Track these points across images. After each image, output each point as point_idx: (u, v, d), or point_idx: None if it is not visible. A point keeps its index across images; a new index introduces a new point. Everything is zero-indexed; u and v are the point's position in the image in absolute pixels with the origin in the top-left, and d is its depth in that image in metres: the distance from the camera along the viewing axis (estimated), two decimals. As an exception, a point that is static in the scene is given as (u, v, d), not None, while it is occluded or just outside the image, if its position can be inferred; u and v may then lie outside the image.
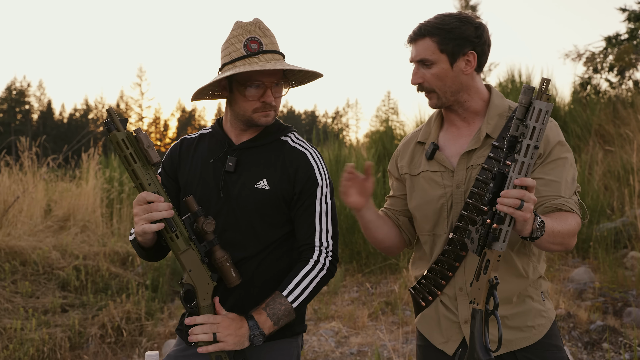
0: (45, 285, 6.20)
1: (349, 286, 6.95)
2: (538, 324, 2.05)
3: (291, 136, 2.22)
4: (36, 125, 74.12)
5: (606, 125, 10.56)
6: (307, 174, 2.12)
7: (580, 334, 4.82)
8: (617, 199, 8.00)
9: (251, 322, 1.94)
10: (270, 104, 2.07)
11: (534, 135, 1.65)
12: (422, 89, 2.07)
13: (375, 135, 12.29)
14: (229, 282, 1.99)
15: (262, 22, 2.11)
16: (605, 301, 5.43)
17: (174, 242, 1.91)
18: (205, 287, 1.96)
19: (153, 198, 1.85)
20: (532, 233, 1.74)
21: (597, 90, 12.90)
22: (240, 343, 1.92)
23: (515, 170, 1.68)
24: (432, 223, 2.10)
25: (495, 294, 1.77)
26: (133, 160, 1.84)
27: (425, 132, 2.20)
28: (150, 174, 1.87)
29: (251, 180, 2.10)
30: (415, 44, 2.04)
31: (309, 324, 5.69)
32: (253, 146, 2.15)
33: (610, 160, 9.29)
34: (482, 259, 1.78)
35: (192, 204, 1.94)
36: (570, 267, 6.67)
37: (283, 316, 1.99)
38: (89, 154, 9.41)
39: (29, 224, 7.41)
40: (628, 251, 6.70)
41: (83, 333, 5.28)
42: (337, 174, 8.22)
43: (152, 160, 1.85)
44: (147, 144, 1.83)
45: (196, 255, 1.95)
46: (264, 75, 2.03)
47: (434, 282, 2.10)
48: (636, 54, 12.52)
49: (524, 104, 1.68)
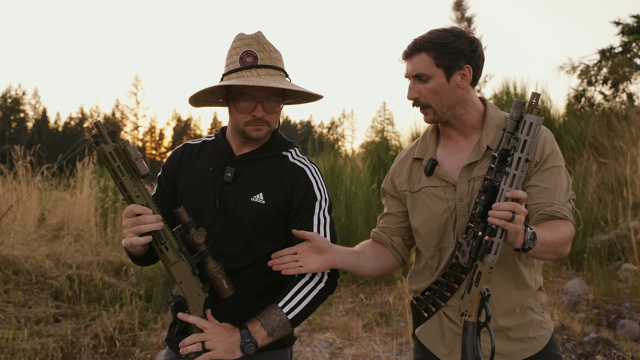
0: (38, 295, 6.17)
1: (343, 297, 6.94)
2: (539, 335, 2.08)
3: (292, 152, 2.22)
4: (31, 134, 74.00)
5: (600, 137, 10.61)
6: (305, 189, 2.11)
7: (574, 345, 4.82)
8: (611, 211, 8.02)
9: (244, 331, 1.93)
10: (261, 119, 2.06)
11: (524, 148, 1.67)
12: (417, 104, 2.07)
13: (371, 145, 12.31)
14: (221, 293, 1.97)
15: (263, 37, 2.11)
16: (599, 313, 5.43)
17: (164, 254, 1.91)
18: (196, 299, 1.95)
19: (141, 210, 1.84)
20: (524, 244, 1.76)
21: (592, 102, 12.97)
22: (231, 351, 1.91)
23: (506, 183, 1.70)
24: (438, 238, 2.10)
25: (487, 306, 1.79)
26: (121, 172, 1.84)
27: (421, 148, 2.20)
28: (139, 186, 1.87)
29: (248, 193, 2.10)
30: (411, 59, 2.05)
31: (302, 335, 5.68)
32: (253, 159, 2.15)
33: (604, 172, 9.32)
34: (474, 271, 1.80)
35: (183, 215, 1.93)
36: (564, 279, 6.68)
37: (278, 327, 1.97)
38: (83, 163, 9.39)
39: (23, 232, 7.38)
40: (622, 263, 6.71)
41: (76, 343, 5.25)
42: (333, 184, 8.23)
43: (140, 172, 1.85)
44: (134, 157, 1.83)
45: (187, 267, 1.94)
46: (255, 90, 2.04)
47: (439, 294, 2.09)
48: (630, 67, 12.60)
49: (515, 117, 1.71)
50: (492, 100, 12.28)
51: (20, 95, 75.17)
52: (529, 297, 2.08)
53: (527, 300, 2.07)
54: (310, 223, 2.09)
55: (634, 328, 5.04)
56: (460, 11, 41.93)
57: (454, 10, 41.94)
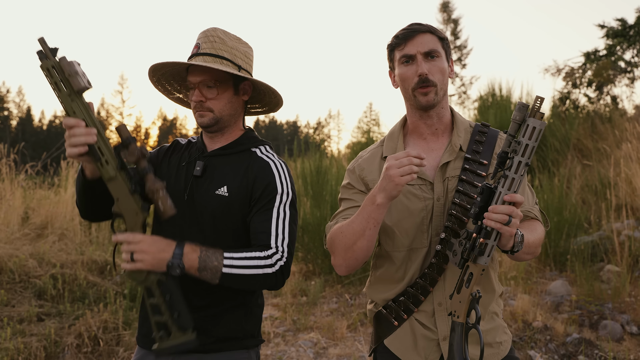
0: (21, 294, 6.12)
1: (328, 297, 6.94)
2: (504, 340, 2.09)
3: (262, 148, 2.24)
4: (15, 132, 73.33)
5: (584, 139, 10.69)
6: (266, 181, 2.10)
7: (556, 346, 4.85)
8: (594, 212, 8.09)
9: (177, 251, 1.91)
10: (201, 104, 2.12)
11: (526, 152, 1.66)
12: (424, 81, 2.01)
13: (357, 146, 12.32)
14: (162, 213, 1.96)
15: (212, 30, 2.17)
16: (581, 314, 5.47)
17: (103, 169, 1.91)
18: (133, 217, 1.96)
19: (73, 123, 1.84)
20: (513, 247, 1.77)
21: (576, 105, 13.07)
22: (156, 266, 1.90)
23: (505, 186, 1.69)
24: (411, 238, 2.05)
25: (477, 308, 1.78)
26: (59, 88, 1.84)
27: (389, 147, 2.16)
28: (77, 102, 1.86)
29: (214, 186, 2.12)
30: (418, 38, 2.03)
31: (287, 334, 5.68)
32: (222, 154, 2.19)
33: (588, 174, 9.40)
34: (464, 272, 1.79)
35: (124, 131, 1.94)
36: (548, 280, 6.72)
37: (209, 270, 1.93)
38: (68, 162, 9.32)
39: (6, 231, 7.31)
40: (604, 264, 6.77)
41: (59, 342, 5.21)
42: (319, 184, 8.23)
43: (74, 87, 1.84)
44: (67, 72, 1.82)
45: (123, 185, 1.95)
46: (193, 75, 2.12)
47: (412, 298, 2.04)
48: (614, 70, 12.72)
49: (517, 120, 1.68)
50: (478, 102, 12.34)
51: (4, 93, 74.51)
52: (494, 302, 2.10)
53: (492, 305, 2.09)
54: (269, 214, 2.06)
55: (615, 329, 5.08)
56: (446, 12, 42.14)
57: (440, 12, 42.17)
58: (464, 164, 2.01)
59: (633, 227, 7.12)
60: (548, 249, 7.11)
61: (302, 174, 8.53)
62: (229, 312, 2.13)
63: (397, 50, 2.07)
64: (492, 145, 2.07)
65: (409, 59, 2.04)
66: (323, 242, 2.15)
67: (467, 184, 1.98)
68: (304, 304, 6.62)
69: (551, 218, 7.08)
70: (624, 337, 5.05)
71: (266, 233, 2.03)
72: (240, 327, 2.14)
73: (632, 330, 5.14)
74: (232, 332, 2.13)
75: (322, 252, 7.65)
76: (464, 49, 42.96)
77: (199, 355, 2.09)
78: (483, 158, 2.03)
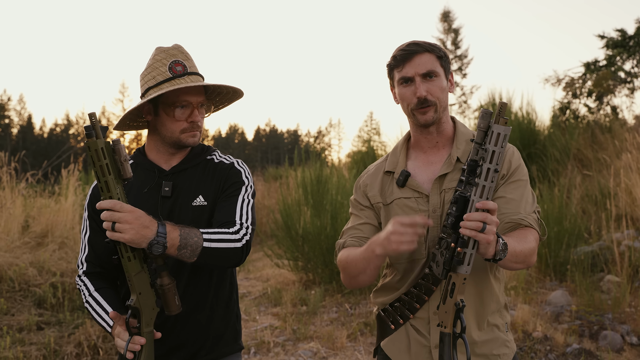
0: (21, 303, 6.12)
1: (328, 306, 6.94)
2: (503, 354, 2.09)
3: (215, 154, 2.31)
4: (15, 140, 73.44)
5: (584, 149, 10.71)
6: (235, 178, 2.21)
7: (556, 356, 4.85)
8: (594, 222, 8.09)
9: (161, 229, 1.86)
10: (197, 124, 2.15)
11: (493, 158, 1.68)
12: (423, 102, 2.03)
13: (357, 155, 12.35)
14: (169, 309, 1.95)
15: (182, 47, 2.19)
16: (581, 324, 5.47)
17: (131, 262, 1.87)
18: (150, 312, 1.94)
19: (113, 206, 1.82)
20: (495, 255, 1.77)
21: (576, 115, 13.10)
22: (137, 241, 1.82)
23: (476, 193, 1.71)
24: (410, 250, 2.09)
25: (462, 317, 1.79)
26: (108, 171, 1.81)
27: (392, 162, 2.20)
28: (119, 189, 1.84)
29: (188, 200, 2.16)
30: (416, 59, 2.03)
31: (287, 344, 5.67)
32: (184, 169, 2.21)
33: (588, 184, 9.40)
34: (448, 282, 1.81)
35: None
36: (548, 290, 6.72)
37: (189, 247, 1.92)
38: (68, 170, 9.33)
39: (6, 239, 7.31)
40: (604, 275, 6.77)
41: (59, 351, 5.21)
42: (319, 193, 8.23)
43: (126, 175, 1.83)
44: (123, 157, 1.81)
45: (147, 279, 1.92)
46: (190, 95, 2.11)
47: (408, 305, 2.09)
48: (614, 80, 12.75)
49: (482, 128, 1.71)
50: (478, 111, 12.35)
51: (5, 101, 74.66)
52: (496, 313, 2.11)
53: (494, 316, 2.10)
54: (235, 199, 2.15)
55: (615, 339, 5.08)
56: (447, 22, 42.28)
57: (441, 22, 42.32)
58: (461, 176, 2.02)
59: (633, 237, 7.12)
60: (548, 259, 7.11)
61: (303, 183, 8.53)
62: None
63: (396, 71, 2.09)
64: None
65: (408, 80, 2.06)
66: (334, 257, 2.21)
67: None
68: (304, 314, 6.61)
69: (551, 228, 7.08)
70: (624, 347, 5.05)
71: (231, 214, 2.11)
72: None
73: (632, 340, 5.14)
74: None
75: (322, 262, 7.65)
76: (464, 59, 43.07)
77: None
78: None
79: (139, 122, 2.31)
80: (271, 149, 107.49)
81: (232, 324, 2.30)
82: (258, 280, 8.89)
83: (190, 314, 2.15)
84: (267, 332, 6.01)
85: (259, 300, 7.54)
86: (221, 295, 2.25)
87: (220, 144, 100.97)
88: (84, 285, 2.16)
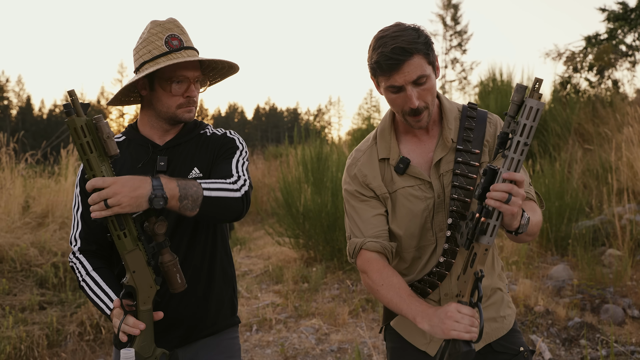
0: (22, 283, 6.13)
1: (329, 283, 6.95)
2: (507, 314, 2.13)
3: (208, 128, 2.29)
4: (15, 121, 73.33)
5: (585, 124, 10.67)
6: (230, 144, 2.20)
7: (558, 330, 4.86)
8: (595, 197, 8.08)
9: (156, 182, 1.80)
10: (193, 100, 2.12)
11: (524, 132, 1.67)
12: (416, 112, 1.94)
13: (357, 132, 12.31)
14: (173, 287, 1.92)
15: (178, 21, 2.16)
16: (583, 298, 5.48)
17: (121, 241, 1.83)
18: (147, 290, 1.89)
19: (100, 184, 1.77)
20: (518, 228, 1.77)
21: (577, 89, 13.03)
22: (136, 205, 1.77)
23: (505, 165, 1.70)
24: (418, 238, 2.06)
25: (480, 287, 1.80)
26: (89, 149, 1.75)
27: (383, 147, 2.10)
28: (105, 167, 1.78)
29: (184, 173, 2.12)
30: (405, 67, 1.87)
31: (289, 321, 5.69)
32: (179, 143, 2.19)
33: (589, 158, 9.38)
34: (470, 252, 1.80)
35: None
36: (549, 264, 6.73)
37: (190, 197, 1.86)
38: (68, 150, 9.30)
39: (7, 220, 7.30)
40: (606, 249, 6.77)
41: (61, 331, 5.23)
42: (319, 170, 8.21)
43: (110, 152, 1.77)
44: (106, 134, 1.75)
45: (142, 257, 1.87)
46: (187, 70, 2.08)
47: (420, 290, 2.07)
48: (615, 54, 12.67)
49: (516, 102, 1.70)
50: (479, 87, 12.29)
51: (3, 82, 74.40)
52: (497, 277, 2.14)
53: (496, 281, 2.13)
54: (231, 158, 2.15)
55: (617, 312, 5.09)
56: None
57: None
58: (457, 157, 2.00)
59: (634, 211, 7.10)
60: (549, 234, 7.11)
61: (303, 161, 8.51)
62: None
63: (382, 77, 1.92)
64: (482, 132, 2.04)
65: (397, 89, 1.91)
66: (347, 254, 2.12)
67: (461, 177, 1.98)
68: (306, 291, 6.62)
69: (552, 203, 7.07)
70: (625, 320, 5.06)
71: (227, 170, 2.10)
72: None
73: (633, 313, 5.15)
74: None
75: (323, 239, 7.65)
76: (464, 35, 42.86)
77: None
78: (474, 147, 2.02)
79: (131, 97, 2.27)
80: (271, 127, 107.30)
81: (229, 298, 2.29)
82: (259, 258, 8.91)
83: (186, 289, 2.13)
84: (269, 309, 6.02)
85: (260, 278, 7.56)
86: (217, 268, 2.23)
87: (219, 123, 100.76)
88: (80, 264, 2.11)
